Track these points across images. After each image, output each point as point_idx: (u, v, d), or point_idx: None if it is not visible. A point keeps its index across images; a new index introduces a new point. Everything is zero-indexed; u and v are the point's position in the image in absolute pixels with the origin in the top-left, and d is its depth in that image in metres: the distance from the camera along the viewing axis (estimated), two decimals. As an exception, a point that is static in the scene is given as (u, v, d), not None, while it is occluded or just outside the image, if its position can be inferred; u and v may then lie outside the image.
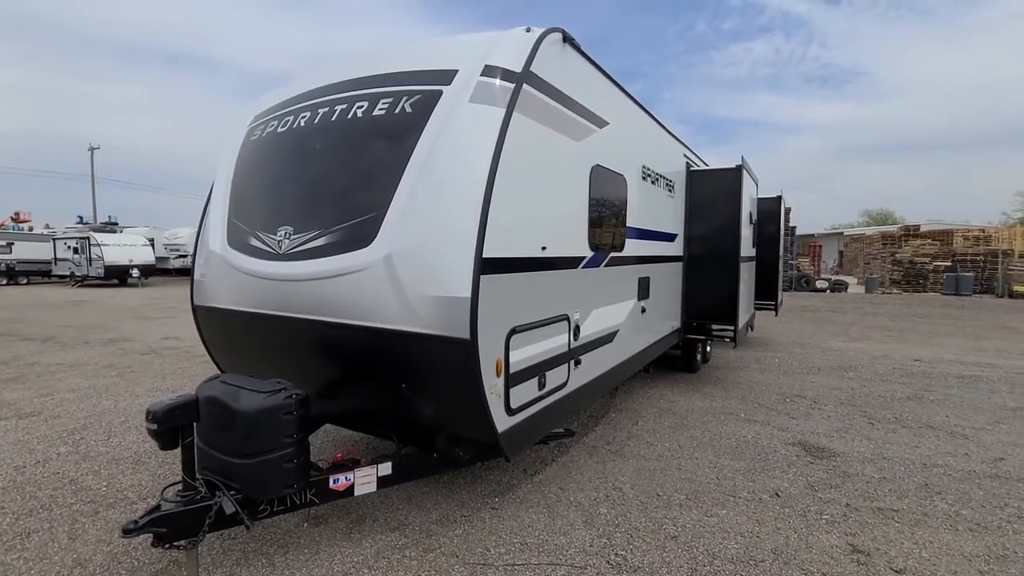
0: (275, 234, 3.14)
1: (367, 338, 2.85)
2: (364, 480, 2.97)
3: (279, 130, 3.42)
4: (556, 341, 3.32)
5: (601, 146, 3.90)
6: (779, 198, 9.63)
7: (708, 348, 8.24)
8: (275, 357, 3.53)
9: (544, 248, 3.15)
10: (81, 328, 11.16)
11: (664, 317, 5.94)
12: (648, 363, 5.74)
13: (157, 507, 2.43)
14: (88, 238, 23.66)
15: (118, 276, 23.67)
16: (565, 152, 3.43)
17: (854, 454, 4.56)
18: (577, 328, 3.57)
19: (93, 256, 23.12)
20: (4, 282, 23.77)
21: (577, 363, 3.62)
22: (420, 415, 2.92)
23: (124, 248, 24.29)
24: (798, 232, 27.98)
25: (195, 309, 3.88)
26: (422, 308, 2.61)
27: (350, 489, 2.93)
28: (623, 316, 4.53)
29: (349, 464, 3.08)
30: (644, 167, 4.96)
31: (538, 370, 3.08)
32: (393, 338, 2.72)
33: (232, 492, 2.59)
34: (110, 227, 29.59)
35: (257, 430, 2.53)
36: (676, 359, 7.58)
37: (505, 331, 2.78)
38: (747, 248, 7.38)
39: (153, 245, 26.96)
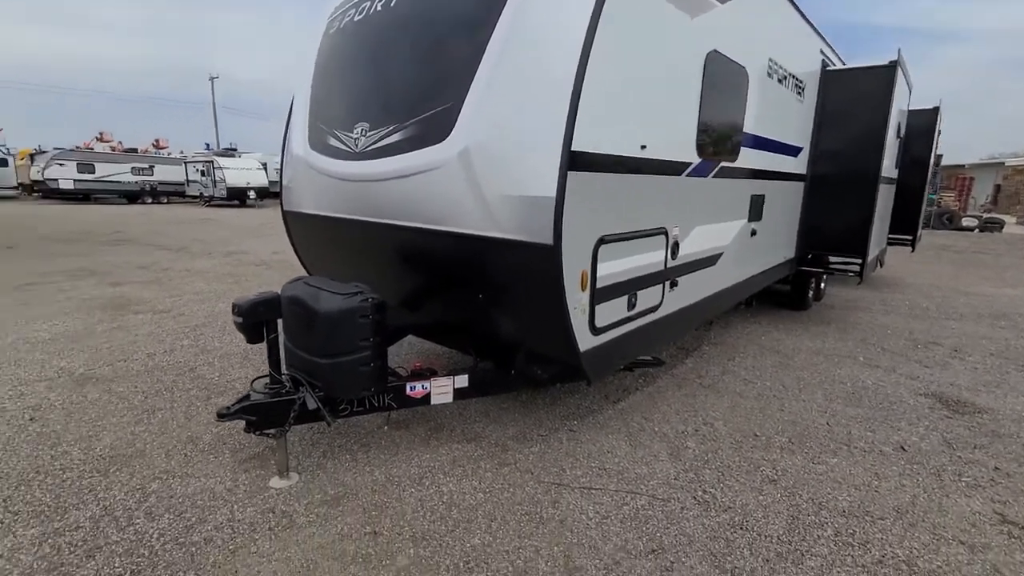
0: (352, 132, 2.98)
1: (443, 244, 2.68)
2: (440, 390, 2.92)
3: (355, 19, 3.17)
4: (651, 257, 2.94)
5: (721, 27, 3.22)
6: (935, 111, 7.94)
7: (823, 284, 7.33)
8: (358, 263, 3.51)
9: (644, 147, 2.71)
10: (206, 241, 12.40)
11: (776, 244, 5.23)
12: (752, 295, 5.15)
13: (247, 396, 2.54)
14: (212, 162, 25.99)
15: (238, 197, 25.99)
16: (676, 29, 2.85)
17: (1007, 412, 3.82)
18: (676, 245, 3.15)
19: (217, 179, 25.46)
20: (149, 201, 27.09)
21: (673, 285, 3.23)
22: (498, 329, 2.75)
23: (242, 171, 26.43)
24: (943, 162, 23.58)
25: (284, 216, 3.95)
26: (501, 210, 2.35)
27: (426, 398, 2.90)
28: (729, 238, 3.97)
29: (427, 374, 3.05)
30: (771, 61, 4.13)
31: (628, 288, 2.75)
32: (470, 244, 2.52)
33: (315, 390, 2.64)
34: (230, 152, 32.21)
35: (334, 331, 2.51)
36: (782, 294, 6.82)
37: (593, 240, 2.45)
38: (889, 168, 6.20)
39: (266, 169, 29.08)
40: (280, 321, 2.71)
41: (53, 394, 3.70)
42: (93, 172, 25.64)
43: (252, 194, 26.08)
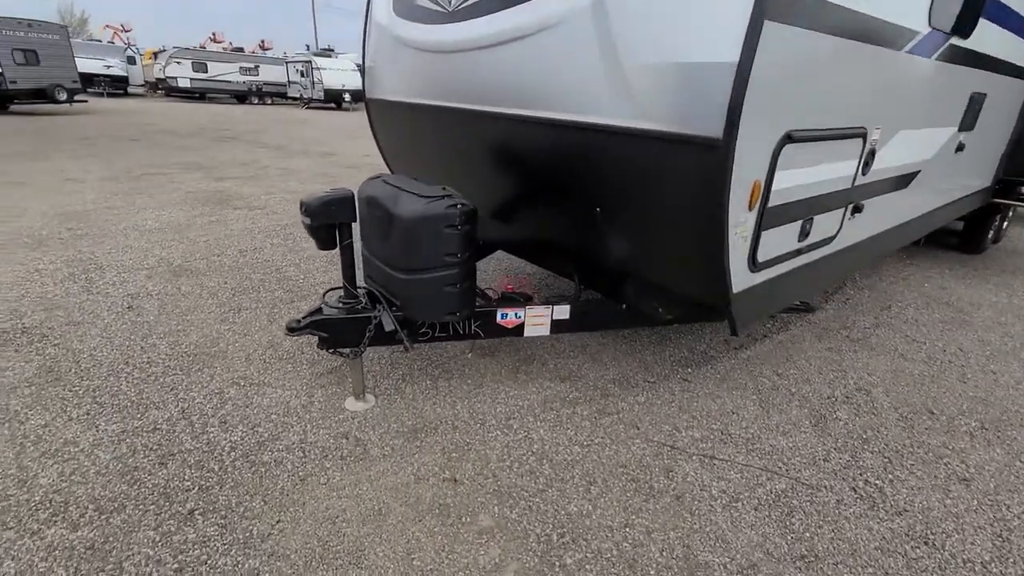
0: (444, -15, 2.33)
1: (554, 138, 2.07)
2: (536, 321, 2.45)
3: None
4: (839, 169, 2.13)
5: None
6: None
7: (1006, 223, 5.82)
8: (447, 163, 3.00)
9: (862, -3, 1.80)
10: (303, 141, 12.53)
11: (980, 165, 3.98)
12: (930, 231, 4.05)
13: (318, 310, 2.22)
14: (310, 62, 26.06)
15: (335, 100, 26.16)
16: None
17: None
18: (871, 155, 2.27)
19: (315, 80, 25.63)
20: (255, 101, 28.13)
21: (856, 210, 2.40)
22: (614, 254, 2.16)
23: (338, 73, 26.31)
24: None
25: (367, 105, 3.47)
26: (645, 87, 1.66)
27: (519, 328, 2.45)
28: (932, 151, 2.94)
29: (520, 300, 2.57)
30: None
31: (804, 210, 2.01)
32: (592, 138, 1.89)
33: (393, 308, 2.27)
34: (327, 53, 32.14)
35: (415, 242, 2.06)
36: (949, 232, 5.47)
37: (777, 136, 1.70)
38: None
39: (361, 72, 28.80)
40: (356, 225, 2.30)
41: (151, 283, 3.73)
42: (206, 71, 26.78)
43: (347, 96, 26.10)
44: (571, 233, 2.35)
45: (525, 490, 1.99)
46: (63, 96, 16.66)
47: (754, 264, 1.82)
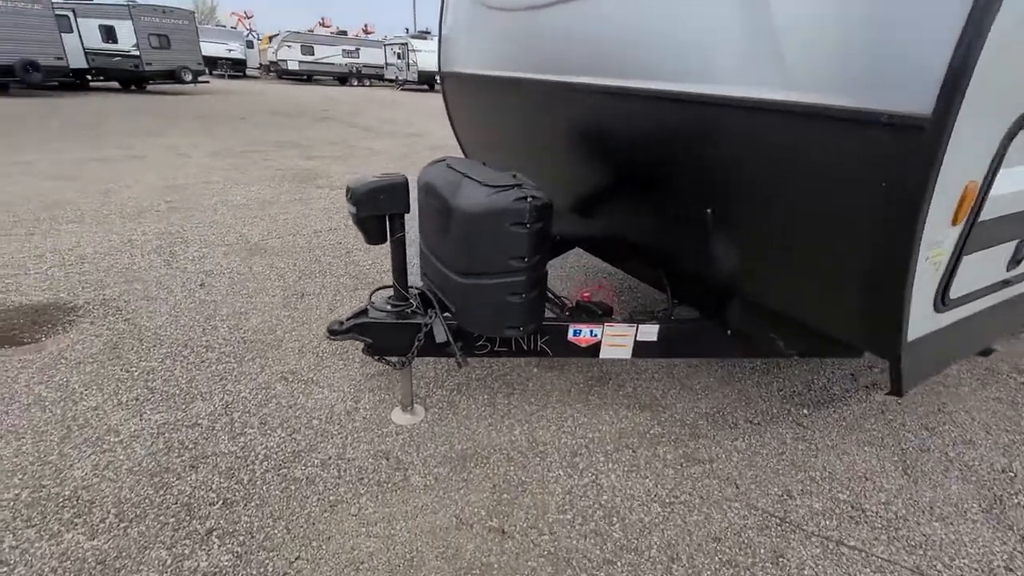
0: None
1: (659, 114, 1.61)
2: (616, 341, 2.02)
3: None
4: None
5: None
6: None
7: None
8: (526, 145, 2.62)
9: None
10: (393, 123, 12.71)
11: None
12: None
13: (364, 311, 1.95)
14: (407, 44, 26.61)
15: (428, 82, 26.58)
16: None
17: None
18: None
19: (410, 62, 26.16)
20: (355, 83, 29.35)
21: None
22: (725, 268, 1.67)
23: (432, 55, 26.62)
24: None
25: (442, 80, 3.16)
26: (804, 44, 1.15)
27: (594, 348, 2.04)
28: None
29: (598, 312, 2.15)
30: None
31: (1021, 225, 1.40)
32: (713, 115, 1.42)
33: (447, 316, 1.95)
34: (423, 35, 32.74)
35: (474, 240, 1.71)
36: None
37: (1011, 117, 1.12)
38: None
39: (454, 53, 28.95)
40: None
41: (226, 260, 3.73)
42: (312, 54, 28.26)
43: (439, 78, 26.41)
44: (668, 237, 1.89)
45: (588, 558, 1.60)
46: (188, 77, 18.26)
47: (943, 301, 1.27)
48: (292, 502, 1.75)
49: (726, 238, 1.57)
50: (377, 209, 1.78)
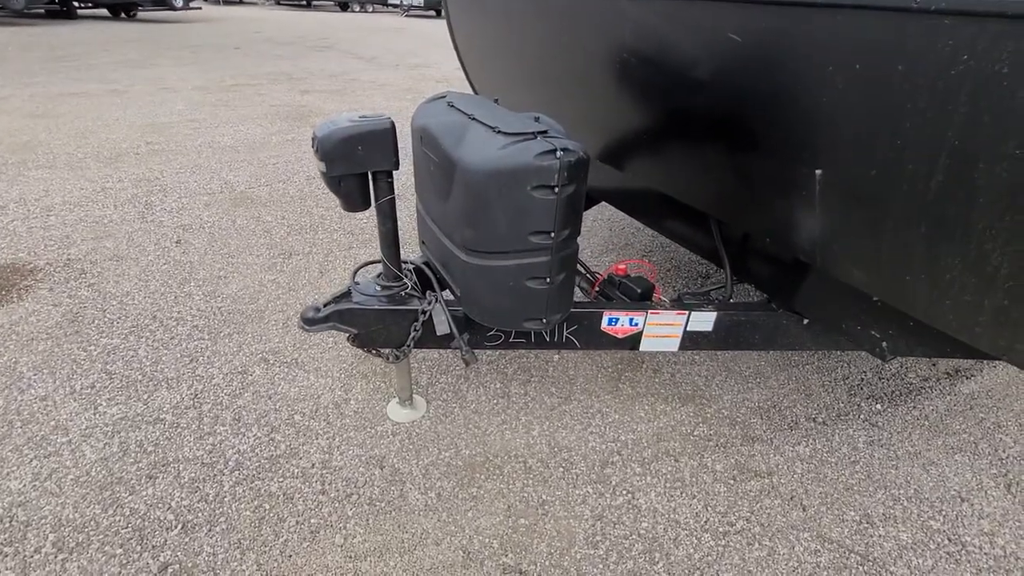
0: None
1: (744, 26, 1.12)
2: (661, 331, 1.62)
3: None
4: None
5: None
6: None
7: None
8: (547, 77, 2.11)
9: None
10: (397, 52, 11.75)
11: None
12: None
13: (346, 294, 1.56)
14: (412, -37, 24.50)
15: (435, 8, 24.68)
16: None
17: None
18: None
19: (415, -16, 24.19)
20: (357, 9, 27.39)
21: None
22: (820, 242, 1.21)
23: (439, -25, 24.62)
24: None
25: (445, 3, 2.58)
26: None
27: (633, 339, 1.64)
28: None
29: (637, 293, 1.73)
30: None
31: None
32: (828, 26, 0.94)
33: (451, 300, 1.56)
34: (430, -47, 30.12)
35: (485, 208, 1.28)
36: None
37: None
38: None
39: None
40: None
41: (207, 213, 3.33)
42: (311, -25, 26.21)
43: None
44: (738, 200, 1.43)
45: (626, 611, 1.30)
46: (179, 2, 17.03)
47: None
48: (265, 527, 1.45)
49: (837, 207, 1.12)
50: (355, 166, 1.34)
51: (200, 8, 18.89)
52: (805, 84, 1.07)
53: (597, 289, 1.88)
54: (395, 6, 26.83)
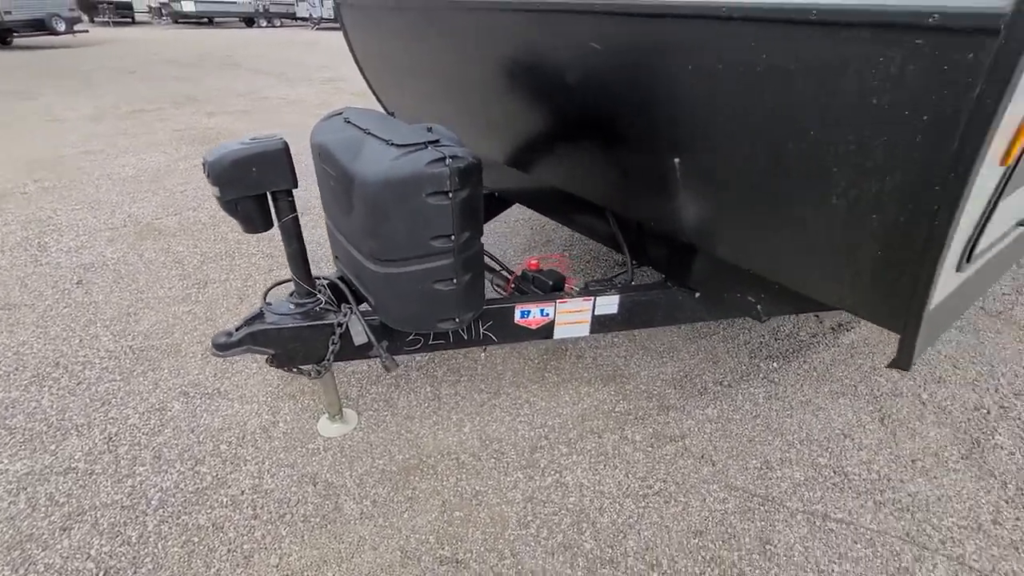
0: None
1: (613, 36, 1.25)
2: (571, 318, 1.74)
3: None
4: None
5: None
6: None
7: None
8: (450, 89, 2.18)
9: None
10: (307, 67, 11.46)
11: None
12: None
13: (259, 315, 1.56)
14: (317, -24, 23.93)
15: (346, 18, 24.21)
16: None
17: None
18: None
19: (323, -4, 23.64)
20: (264, 24, 26.38)
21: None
22: (696, 229, 1.37)
23: (348, -14, 24.15)
24: None
25: (338, 11, 2.60)
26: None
27: (547, 328, 1.75)
28: None
29: (547, 282, 1.84)
30: None
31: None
32: (686, 32, 1.07)
33: (366, 310, 1.60)
34: (336, -36, 29.51)
35: (383, 218, 1.33)
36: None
37: None
38: None
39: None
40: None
41: (110, 249, 3.14)
42: (210, -8, 25.00)
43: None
44: (622, 190, 1.57)
45: (558, 581, 1.39)
46: (62, 26, 15.71)
47: (969, 257, 1.03)
48: (196, 560, 1.42)
49: (696, 191, 1.27)
50: (250, 187, 1.35)
51: (87, 31, 17.50)
52: (654, 84, 1.20)
53: (513, 285, 1.98)
54: (305, 19, 26.11)
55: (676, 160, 1.24)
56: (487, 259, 2.18)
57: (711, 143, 1.13)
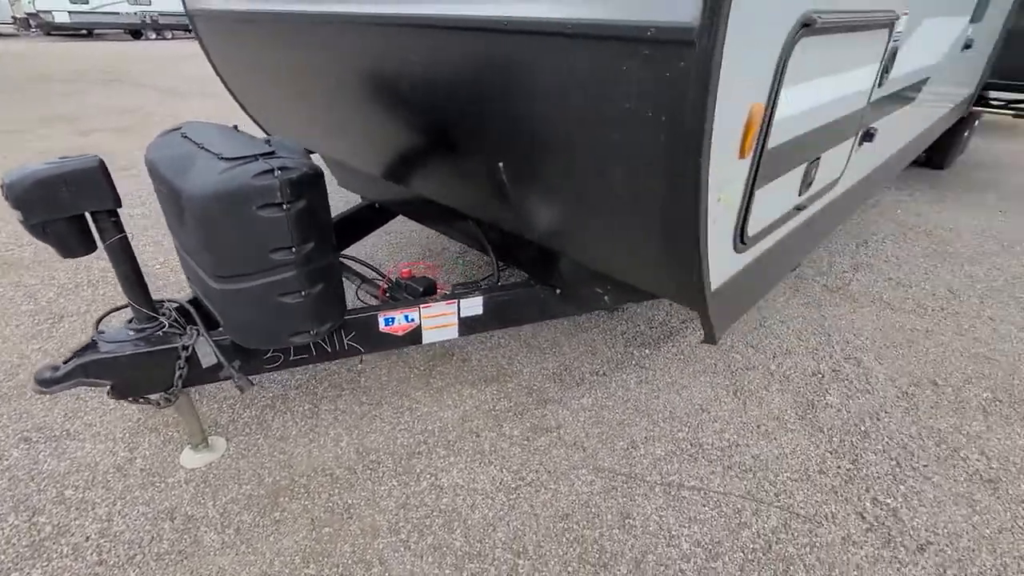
0: None
1: (442, 50, 1.30)
2: (437, 322, 1.77)
3: None
4: (856, 80, 1.45)
5: None
6: None
7: (969, 133, 5.44)
8: (316, 102, 2.15)
9: None
10: (202, 80, 10.78)
11: (976, 65, 3.40)
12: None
13: (91, 345, 1.46)
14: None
15: (247, 30, 23.09)
16: None
17: None
18: (892, 56, 1.60)
19: (220, 7, 22.42)
20: (153, 36, 24.56)
21: (867, 137, 1.76)
22: (532, 227, 1.46)
23: None
24: None
25: (192, 20, 2.50)
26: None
27: (415, 334, 1.77)
28: (945, 48, 2.29)
29: (417, 288, 1.87)
30: None
31: (812, 146, 1.35)
32: (487, 44, 1.14)
33: (214, 333, 1.54)
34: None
35: (215, 233, 1.30)
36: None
37: (790, 21, 0.98)
38: None
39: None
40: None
41: (-54, 288, 2.79)
42: (87, 2, 22.94)
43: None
44: (473, 197, 1.63)
45: (424, 582, 1.40)
46: (-100, 39, 13.77)
47: (742, 240, 1.18)
48: (24, 619, 1.30)
49: (523, 194, 1.35)
50: (61, 209, 1.27)
51: (-66, 44, 15.46)
52: (474, 93, 1.27)
53: (387, 294, 1.98)
54: (200, 32, 24.57)
55: (500, 164, 1.31)
56: (360, 268, 2.18)
57: (522, 147, 1.21)
